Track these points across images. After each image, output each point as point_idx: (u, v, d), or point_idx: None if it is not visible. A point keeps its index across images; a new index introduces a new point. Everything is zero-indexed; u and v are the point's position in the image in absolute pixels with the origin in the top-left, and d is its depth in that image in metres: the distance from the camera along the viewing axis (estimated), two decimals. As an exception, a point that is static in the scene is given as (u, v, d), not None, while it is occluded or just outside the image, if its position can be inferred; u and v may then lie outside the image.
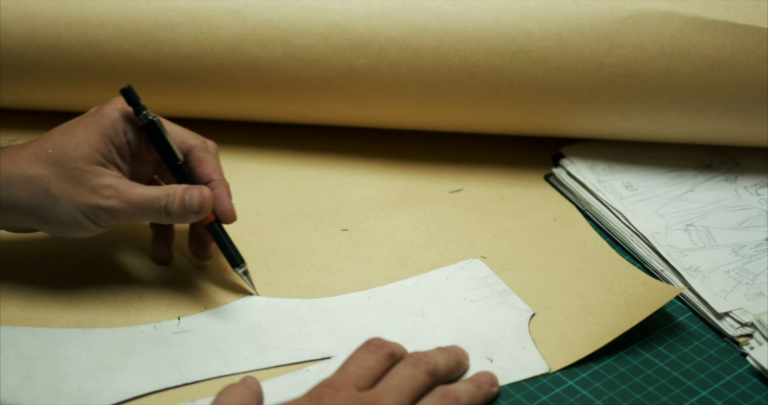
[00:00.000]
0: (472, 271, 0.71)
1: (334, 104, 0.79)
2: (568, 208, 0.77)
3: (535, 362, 0.65)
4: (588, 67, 0.75)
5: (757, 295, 0.68)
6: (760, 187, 0.77)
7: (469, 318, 0.68)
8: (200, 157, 0.69)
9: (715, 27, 0.73)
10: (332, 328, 0.68)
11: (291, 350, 0.66)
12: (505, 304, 0.69)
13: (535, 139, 0.82)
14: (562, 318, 0.68)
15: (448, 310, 0.69)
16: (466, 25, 0.75)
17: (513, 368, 0.65)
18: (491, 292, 0.70)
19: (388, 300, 0.70)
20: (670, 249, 0.72)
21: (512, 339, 0.67)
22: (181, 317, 0.68)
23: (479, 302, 0.69)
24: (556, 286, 0.70)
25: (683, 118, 0.76)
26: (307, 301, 0.69)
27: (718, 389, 0.64)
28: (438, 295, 0.70)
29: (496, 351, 0.66)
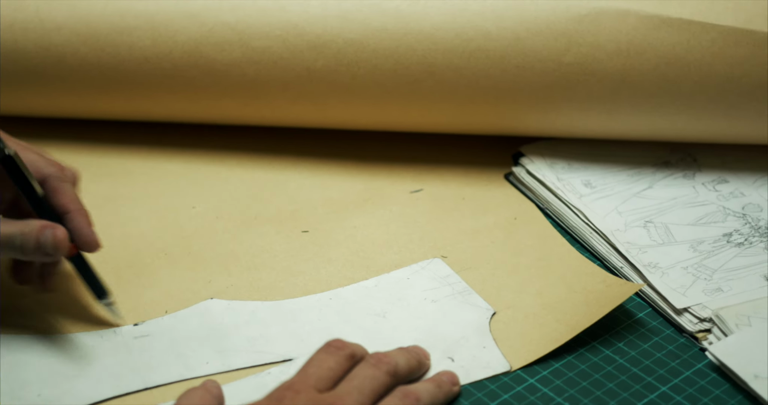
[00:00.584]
0: (433, 271, 0.72)
1: (293, 106, 0.79)
2: (528, 207, 0.77)
3: (496, 361, 0.65)
4: (545, 65, 0.75)
5: (716, 290, 0.69)
6: (718, 183, 0.78)
7: (430, 318, 0.68)
8: (55, 187, 0.66)
9: (671, 24, 0.74)
10: (293, 330, 0.68)
11: (252, 353, 0.66)
12: (465, 303, 0.69)
13: (494, 138, 0.82)
14: (522, 316, 0.68)
15: (409, 310, 0.69)
16: (424, 25, 0.75)
17: (474, 367, 0.65)
18: (452, 292, 0.70)
19: (349, 301, 0.70)
20: (629, 246, 0.72)
21: (473, 338, 0.67)
22: (139, 322, 0.68)
23: (440, 302, 0.69)
24: (516, 284, 0.71)
25: (641, 115, 0.76)
26: (268, 304, 0.69)
27: (677, 384, 0.65)
28: (399, 296, 0.70)
29: (458, 350, 0.66)
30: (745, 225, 0.74)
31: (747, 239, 0.73)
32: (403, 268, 0.72)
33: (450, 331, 0.67)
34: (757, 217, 0.75)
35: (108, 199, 0.77)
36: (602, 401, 0.64)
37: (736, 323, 0.66)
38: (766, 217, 0.75)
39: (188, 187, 0.79)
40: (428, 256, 0.73)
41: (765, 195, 0.77)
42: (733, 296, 0.68)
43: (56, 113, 0.82)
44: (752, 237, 0.73)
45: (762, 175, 0.78)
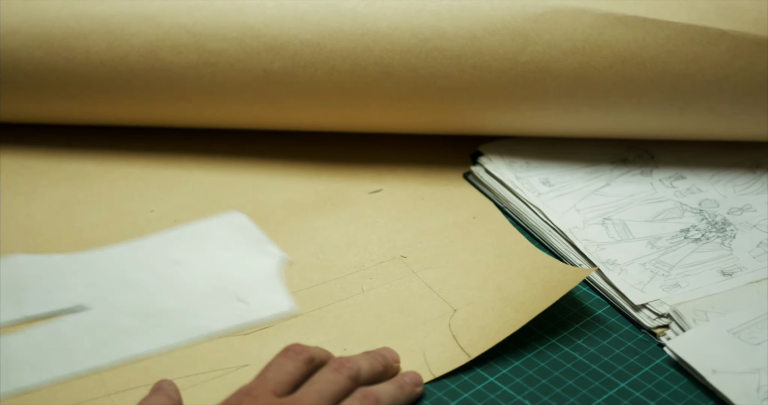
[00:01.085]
0: (233, 223, 0.75)
1: (251, 108, 0.79)
2: (486, 206, 0.78)
3: (283, 303, 0.69)
4: (502, 64, 0.75)
5: (673, 286, 0.69)
6: (675, 180, 0.78)
7: (225, 264, 0.72)
8: None
9: (626, 22, 0.74)
10: (90, 278, 0.70)
11: (48, 302, 0.68)
12: (260, 251, 0.73)
13: (453, 137, 0.82)
14: (482, 311, 0.68)
15: (206, 258, 0.72)
16: (380, 26, 0.75)
17: (262, 309, 0.69)
18: (249, 241, 0.74)
19: (149, 251, 0.72)
20: (588, 243, 0.73)
21: (264, 282, 0.70)
22: None
23: (236, 250, 0.73)
24: (475, 281, 0.71)
25: (598, 113, 0.77)
26: (67, 256, 0.71)
27: (636, 380, 0.65)
28: (198, 245, 0.73)
29: (249, 293, 0.69)
30: (702, 221, 0.75)
31: (704, 235, 0.74)
32: (202, 220, 0.75)
33: (243, 277, 0.71)
34: (713, 213, 0.75)
35: (65, 204, 0.77)
36: (562, 398, 0.64)
37: (694, 318, 0.67)
38: (723, 213, 0.75)
39: (146, 191, 0.78)
40: (388, 256, 0.73)
41: (721, 191, 0.77)
42: (691, 292, 0.69)
43: (12, 118, 0.81)
44: (709, 233, 0.74)
45: (718, 171, 0.79)
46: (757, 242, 0.73)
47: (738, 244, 0.73)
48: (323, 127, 0.81)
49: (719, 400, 0.63)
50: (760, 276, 0.70)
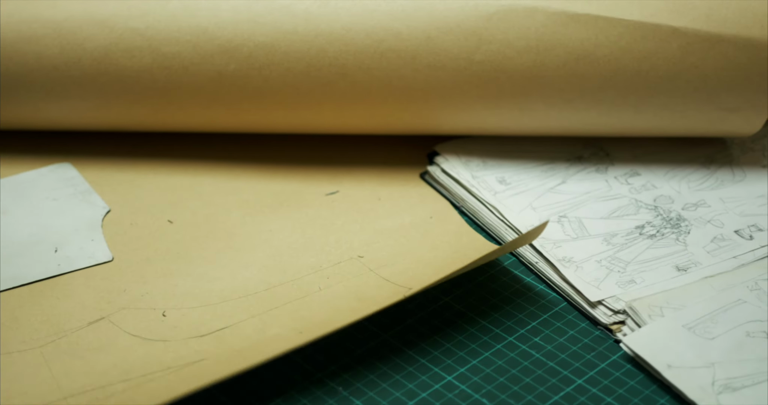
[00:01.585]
0: (60, 174, 0.78)
1: (206, 111, 0.79)
2: (443, 206, 0.78)
3: (101, 252, 0.72)
4: (457, 64, 0.75)
5: (629, 282, 0.70)
6: (630, 177, 0.79)
7: (47, 214, 0.75)
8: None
9: (578, 20, 0.74)
10: None
11: None
12: (84, 201, 0.76)
13: (409, 137, 0.83)
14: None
15: (29, 208, 0.75)
16: (335, 27, 0.75)
17: (80, 257, 0.72)
18: (74, 192, 0.76)
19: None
20: (544, 241, 0.73)
21: (84, 232, 0.73)
22: None
23: (60, 200, 0.76)
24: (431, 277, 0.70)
25: (552, 111, 0.77)
26: None
27: (593, 377, 0.65)
28: (22, 195, 0.76)
29: (67, 243, 0.72)
30: (657, 217, 0.75)
31: (659, 231, 0.74)
32: (28, 171, 0.78)
33: (63, 225, 0.74)
34: (668, 209, 0.76)
35: (19, 209, 0.77)
36: (519, 396, 0.64)
37: (649, 314, 0.67)
38: (678, 209, 0.76)
39: (101, 195, 0.78)
40: (344, 257, 0.73)
41: (676, 187, 0.78)
42: (646, 287, 0.69)
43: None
44: (664, 228, 0.74)
45: (673, 168, 0.80)
46: (711, 237, 0.73)
47: (692, 240, 0.73)
48: (279, 129, 0.81)
49: (675, 394, 0.63)
50: (715, 271, 0.70)
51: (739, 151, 0.81)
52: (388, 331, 0.68)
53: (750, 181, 0.78)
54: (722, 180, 0.78)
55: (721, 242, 0.73)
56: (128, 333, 0.68)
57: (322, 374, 0.66)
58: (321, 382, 0.65)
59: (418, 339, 0.68)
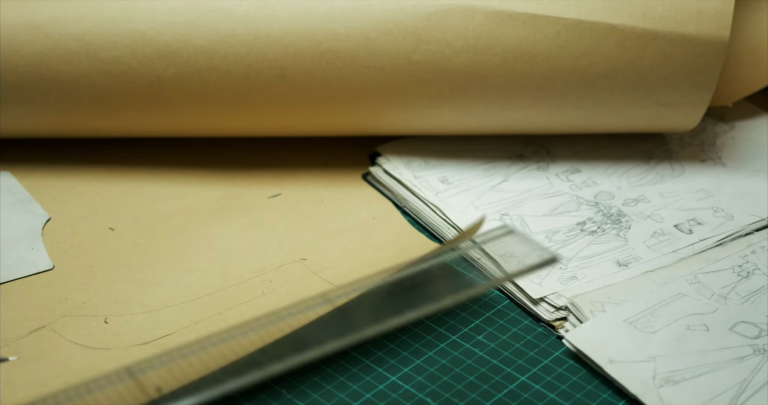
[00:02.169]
0: (2, 184, 0.79)
1: (145, 116, 0.78)
2: (386, 206, 0.78)
3: (41, 260, 0.72)
4: (396, 64, 0.75)
5: (570, 278, 0.70)
6: (571, 174, 0.79)
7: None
8: None
9: (516, 19, 0.75)
10: None
11: None
12: (24, 210, 0.76)
13: (352, 139, 0.83)
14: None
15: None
16: (273, 29, 0.75)
17: (20, 266, 0.72)
18: (13, 201, 0.77)
19: None
20: (486, 239, 0.73)
21: (24, 240, 0.74)
22: None
23: (0, 209, 0.76)
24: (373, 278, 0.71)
25: (492, 110, 0.77)
26: None
27: (536, 373, 0.65)
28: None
29: (7, 251, 0.73)
30: (597, 213, 0.76)
31: (600, 227, 0.74)
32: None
33: (3, 234, 0.74)
34: (608, 205, 0.76)
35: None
36: (463, 394, 0.64)
37: (591, 310, 0.67)
38: (618, 205, 0.76)
39: (41, 204, 0.77)
40: (288, 260, 0.73)
41: (616, 183, 0.78)
42: (588, 283, 0.70)
43: None
44: (605, 224, 0.75)
45: (613, 164, 0.80)
46: (651, 232, 0.74)
47: (633, 235, 0.74)
48: (220, 132, 0.80)
49: (617, 389, 0.64)
50: (655, 265, 0.71)
51: (678, 146, 0.82)
52: (331, 333, 0.68)
53: (689, 175, 0.79)
54: (662, 175, 0.79)
55: (661, 237, 0.73)
56: (70, 341, 0.67)
57: (266, 378, 0.66)
58: (265, 385, 0.65)
59: (362, 340, 0.68)
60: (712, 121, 0.84)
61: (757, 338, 0.65)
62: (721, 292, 0.69)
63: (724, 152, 0.81)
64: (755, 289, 0.69)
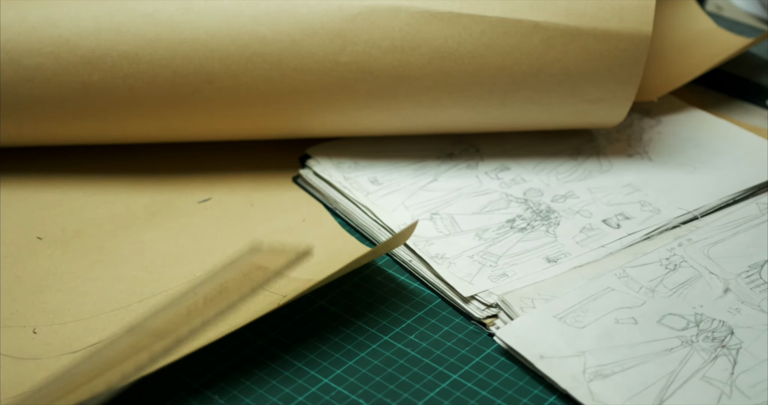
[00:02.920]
0: None
1: (71, 123, 0.77)
2: (316, 208, 0.78)
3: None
4: (323, 66, 0.75)
5: (501, 276, 0.70)
6: (500, 171, 0.80)
7: None
8: None
9: (441, 18, 0.75)
10: None
11: None
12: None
13: (281, 142, 0.82)
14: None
15: None
16: (199, 33, 0.75)
17: None
18: None
19: None
20: (417, 239, 0.73)
21: None
22: None
23: None
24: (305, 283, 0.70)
25: (420, 110, 0.77)
26: None
27: (468, 371, 0.66)
28: None
29: None
30: (527, 210, 0.76)
31: (529, 224, 0.75)
32: None
33: None
34: (538, 202, 0.77)
35: None
36: (396, 394, 0.64)
37: (521, 306, 0.68)
38: (547, 201, 0.77)
39: (-34, 214, 0.77)
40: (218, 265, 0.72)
41: (545, 179, 0.79)
42: (518, 280, 0.70)
43: None
44: (534, 221, 0.75)
45: (542, 160, 0.81)
46: (579, 228, 0.74)
47: (562, 231, 0.74)
48: (148, 138, 0.80)
49: (548, 384, 0.64)
50: (584, 260, 0.71)
51: (605, 142, 0.82)
52: (263, 337, 0.68)
53: (616, 170, 0.80)
54: (590, 171, 0.80)
55: (590, 232, 0.74)
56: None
57: (198, 384, 0.65)
58: (197, 392, 0.65)
59: (294, 343, 0.68)
60: (639, 115, 0.85)
61: (685, 330, 0.66)
62: (649, 285, 0.69)
63: (650, 147, 0.82)
64: (682, 281, 0.69)
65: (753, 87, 0.88)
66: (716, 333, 0.66)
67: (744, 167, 0.79)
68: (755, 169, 0.79)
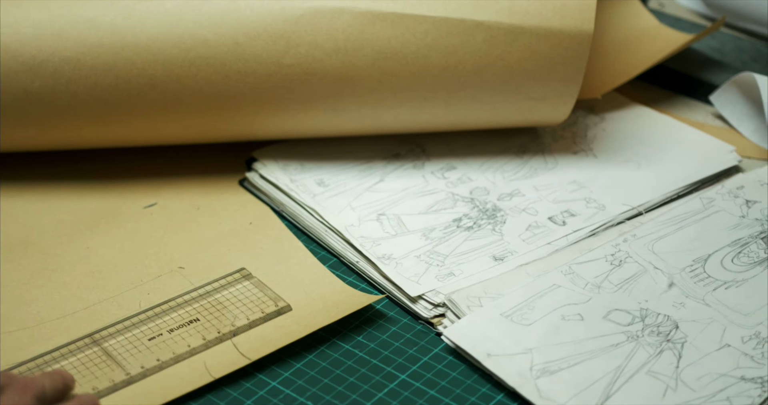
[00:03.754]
0: None
1: (14, 130, 0.77)
2: (263, 211, 0.77)
3: None
4: (267, 68, 0.75)
5: (448, 275, 0.70)
6: (447, 171, 0.80)
7: None
8: None
9: (384, 19, 0.75)
10: None
11: None
12: None
13: (227, 145, 0.82)
14: (261, 320, 0.68)
15: None
16: (141, 38, 0.74)
17: None
18: None
19: None
20: (364, 240, 0.73)
21: None
22: None
23: None
24: (255, 291, 0.70)
25: (365, 111, 0.77)
26: None
27: (416, 371, 0.66)
28: None
29: None
30: (473, 209, 0.76)
31: (476, 222, 0.75)
32: None
33: None
34: (484, 200, 0.77)
35: None
36: (344, 396, 0.64)
37: (468, 305, 0.68)
38: (493, 200, 0.77)
39: None
40: (165, 270, 0.72)
41: (491, 178, 0.79)
42: (465, 279, 0.70)
43: None
44: (480, 220, 0.75)
45: (488, 159, 0.81)
46: (526, 226, 0.75)
47: (508, 229, 0.74)
48: (92, 144, 0.79)
49: (496, 382, 0.64)
50: (530, 258, 0.72)
51: (550, 140, 0.83)
52: (210, 341, 0.68)
53: (562, 168, 0.80)
54: (535, 168, 0.80)
55: (536, 230, 0.74)
56: (-58, 363, 0.66)
57: (145, 390, 0.65)
58: (144, 398, 0.65)
59: (242, 347, 0.68)
60: (584, 113, 0.85)
61: (630, 325, 0.67)
62: (595, 281, 0.70)
63: (595, 144, 0.82)
64: (627, 276, 0.70)
65: (696, 83, 0.89)
66: (661, 327, 0.66)
67: (687, 162, 0.80)
68: (699, 164, 0.80)
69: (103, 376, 0.65)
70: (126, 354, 0.66)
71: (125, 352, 0.66)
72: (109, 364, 0.66)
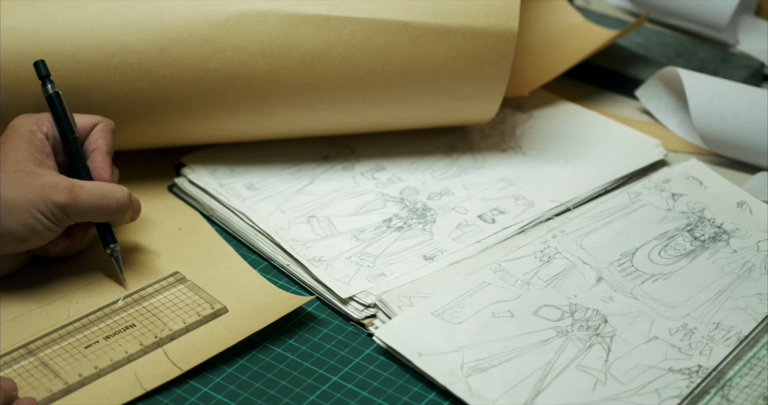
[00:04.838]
0: None
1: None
2: (193, 217, 0.77)
3: None
4: (192, 73, 0.75)
5: (378, 275, 0.71)
6: (376, 171, 0.80)
7: None
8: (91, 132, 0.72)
9: (310, 21, 0.75)
10: None
11: None
12: None
13: (155, 151, 0.81)
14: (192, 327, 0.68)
15: None
16: (64, 45, 0.74)
17: None
18: None
19: None
20: (294, 242, 0.73)
21: None
22: None
23: None
24: (186, 297, 0.70)
25: (293, 113, 0.77)
26: None
27: (348, 372, 0.66)
28: None
29: None
30: (403, 209, 0.76)
31: (406, 222, 0.75)
32: None
33: None
34: (414, 200, 0.77)
35: None
36: (276, 399, 0.64)
37: (399, 305, 0.68)
38: (423, 199, 0.77)
39: None
40: (93, 277, 0.71)
41: (421, 178, 0.79)
42: (396, 279, 0.70)
43: None
44: (411, 219, 0.75)
45: (417, 159, 0.81)
46: (456, 224, 0.75)
47: (438, 228, 0.74)
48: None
49: (428, 381, 0.65)
50: (460, 256, 0.72)
51: (479, 138, 0.83)
52: (141, 349, 0.67)
53: (490, 166, 0.80)
54: (464, 167, 0.80)
55: (466, 228, 0.75)
56: None
57: (75, 400, 0.64)
58: None
59: (173, 353, 0.67)
60: (511, 111, 0.86)
61: (560, 320, 0.67)
62: (524, 278, 0.70)
63: (523, 141, 0.83)
64: (556, 272, 0.70)
65: (622, 78, 0.89)
66: (590, 322, 0.67)
67: (614, 157, 0.81)
68: (625, 158, 0.81)
69: (40, 386, 0.64)
70: (63, 363, 0.65)
71: (62, 361, 0.66)
72: (46, 373, 0.65)
